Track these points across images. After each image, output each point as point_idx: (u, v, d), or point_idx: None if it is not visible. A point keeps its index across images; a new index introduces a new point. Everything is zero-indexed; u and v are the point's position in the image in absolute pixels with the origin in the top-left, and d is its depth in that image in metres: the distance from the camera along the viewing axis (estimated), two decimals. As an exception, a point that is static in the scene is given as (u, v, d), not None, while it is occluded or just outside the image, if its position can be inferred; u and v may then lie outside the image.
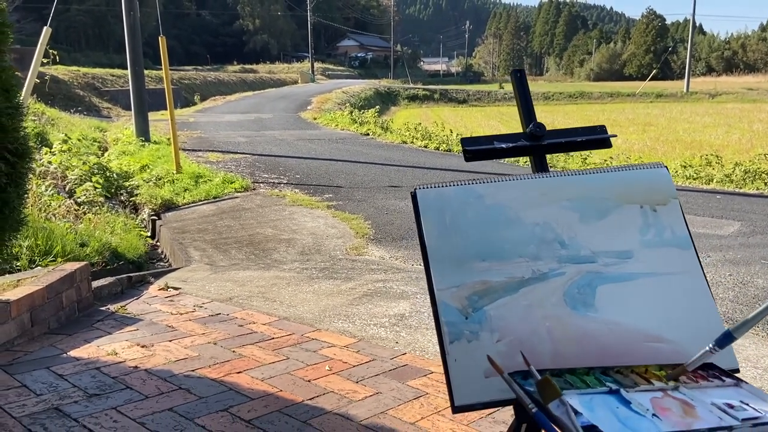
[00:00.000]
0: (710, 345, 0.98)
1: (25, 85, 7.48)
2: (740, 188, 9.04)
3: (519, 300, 1.12)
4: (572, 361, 1.09)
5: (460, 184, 1.19)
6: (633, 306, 1.13)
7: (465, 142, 1.24)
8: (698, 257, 1.17)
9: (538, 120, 1.27)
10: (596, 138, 1.27)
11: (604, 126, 1.28)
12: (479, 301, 1.11)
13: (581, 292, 1.13)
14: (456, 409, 1.06)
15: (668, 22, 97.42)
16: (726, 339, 0.93)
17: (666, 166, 1.23)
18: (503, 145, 1.23)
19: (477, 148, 1.23)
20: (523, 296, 1.12)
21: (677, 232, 1.19)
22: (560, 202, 1.19)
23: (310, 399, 2.54)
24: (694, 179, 9.65)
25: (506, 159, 11.09)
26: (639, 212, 1.19)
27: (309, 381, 2.71)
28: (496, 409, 2.39)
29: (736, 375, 1.06)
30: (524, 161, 10.87)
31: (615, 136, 1.30)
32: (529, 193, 1.19)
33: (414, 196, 1.17)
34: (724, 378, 1.02)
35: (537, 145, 1.25)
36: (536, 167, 1.25)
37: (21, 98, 3.01)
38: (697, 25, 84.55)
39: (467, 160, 1.25)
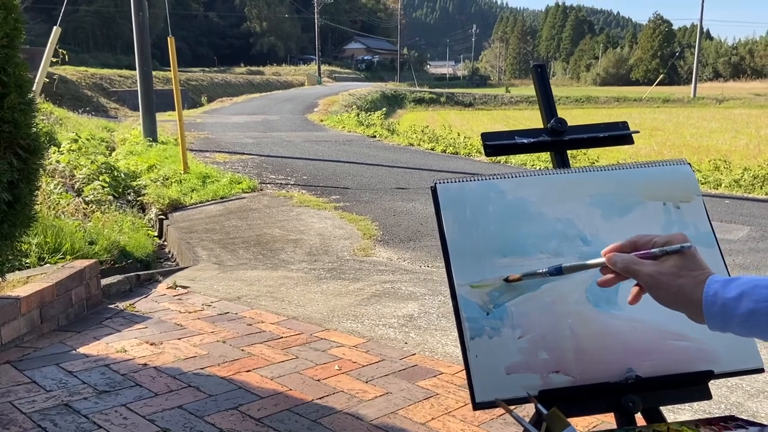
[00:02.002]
0: (543, 269, 1.03)
1: (35, 83, 7.51)
2: (749, 193, 8.99)
3: (541, 296, 1.10)
4: (595, 358, 1.07)
5: (481, 179, 1.18)
6: (656, 304, 1.11)
7: (486, 137, 1.23)
8: (722, 256, 1.16)
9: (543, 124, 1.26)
10: (618, 134, 1.25)
11: (626, 122, 1.27)
12: (500, 297, 1.10)
13: (604, 289, 1.11)
14: (477, 406, 1.05)
15: (675, 27, 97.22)
16: (557, 271, 1.00)
17: (689, 163, 1.21)
18: (524, 140, 1.22)
19: (498, 143, 1.22)
20: (545, 293, 1.11)
21: (701, 229, 1.17)
22: (582, 198, 1.17)
23: (320, 398, 2.53)
24: (702, 184, 9.60)
25: (515, 162, 11.07)
26: (662, 209, 1.17)
27: (318, 380, 2.70)
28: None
29: (761, 423, 1.04)
30: (530, 164, 10.85)
31: (638, 132, 1.29)
32: (551, 188, 1.17)
33: (434, 191, 1.16)
34: (747, 426, 1.00)
35: (558, 140, 1.23)
36: (557, 163, 1.24)
37: (32, 95, 3.01)
38: (705, 30, 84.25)
39: (488, 155, 1.24)
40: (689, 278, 0.84)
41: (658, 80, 52.88)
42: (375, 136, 16.34)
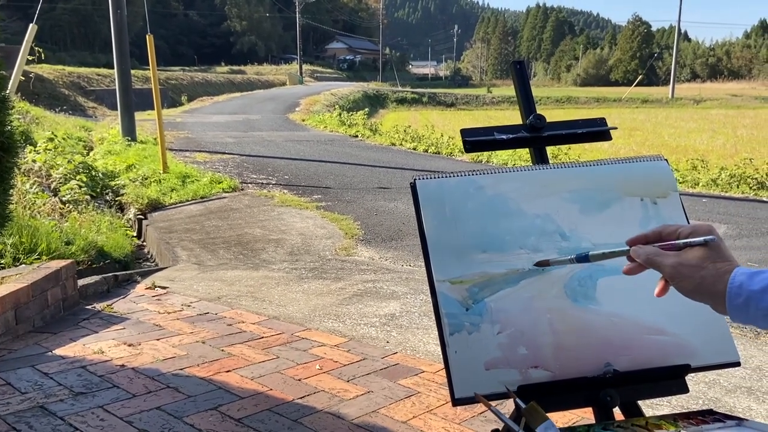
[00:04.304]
0: (571, 256, 1.02)
1: (11, 81, 7.38)
2: (726, 192, 9.12)
3: (520, 292, 1.10)
4: (574, 353, 1.08)
5: (461, 175, 1.18)
6: (634, 299, 1.12)
7: (465, 133, 1.23)
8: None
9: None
10: (596, 130, 1.26)
11: (603, 118, 1.27)
12: (480, 293, 1.10)
13: (582, 285, 1.12)
14: (456, 402, 1.05)
15: (654, 28, 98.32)
16: (584, 258, 0.99)
17: (666, 159, 1.22)
18: (503, 137, 1.22)
19: (477, 139, 1.22)
20: (523, 288, 1.11)
21: (678, 224, 1.18)
22: (561, 193, 1.18)
23: (301, 398, 2.52)
24: (680, 183, 9.72)
25: (497, 161, 11.12)
26: (639, 205, 1.18)
27: (299, 380, 2.69)
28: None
29: (739, 416, 1.05)
30: (511, 163, 10.91)
31: (615, 128, 1.29)
32: (530, 184, 1.18)
33: (414, 187, 1.15)
34: (725, 420, 1.01)
35: (537, 136, 1.23)
36: (536, 159, 1.24)
37: (7, 92, 2.96)
38: (683, 31, 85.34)
39: (467, 151, 1.23)
40: (712, 270, 0.84)
41: (637, 81, 53.48)
42: (357, 136, 16.31)
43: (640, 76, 59.08)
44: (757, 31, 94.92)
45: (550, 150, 1.24)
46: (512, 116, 30.72)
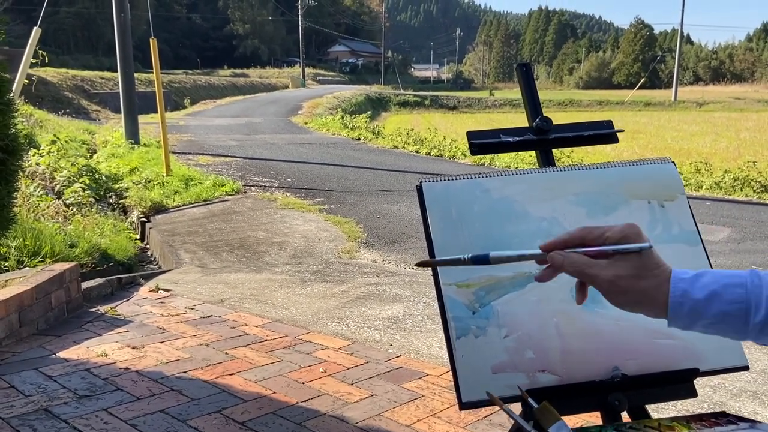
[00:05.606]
0: (467, 256, 0.88)
1: (14, 85, 7.40)
2: (729, 195, 9.10)
3: (527, 295, 1.09)
4: (581, 357, 1.07)
5: (466, 178, 1.17)
6: (641, 302, 1.11)
7: (471, 135, 1.23)
8: (706, 253, 1.16)
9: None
10: (603, 132, 1.26)
11: (610, 121, 1.27)
12: (486, 296, 1.09)
13: (590, 288, 1.11)
14: (463, 406, 1.04)
15: (656, 31, 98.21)
16: (483, 258, 0.87)
17: (673, 162, 1.21)
18: (510, 139, 1.22)
19: (483, 142, 1.22)
20: (530, 291, 1.10)
21: (685, 227, 1.17)
22: (567, 196, 1.17)
23: (305, 401, 2.51)
24: (684, 186, 9.70)
25: (499, 164, 11.12)
26: (646, 208, 1.17)
27: (303, 383, 2.68)
28: (492, 411, 2.37)
29: (753, 419, 1.04)
30: (514, 167, 10.90)
31: (622, 131, 1.29)
32: (536, 187, 1.17)
33: (420, 190, 1.15)
34: (738, 422, 1.00)
35: (544, 139, 1.23)
36: (543, 161, 1.24)
37: (11, 95, 2.96)
38: (685, 34, 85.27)
39: (473, 153, 1.23)
40: (651, 278, 0.76)
41: (639, 84, 53.48)
42: (360, 139, 16.33)
43: (642, 79, 59.09)
44: (760, 34, 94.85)
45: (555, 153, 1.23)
46: (515, 119, 30.71)
